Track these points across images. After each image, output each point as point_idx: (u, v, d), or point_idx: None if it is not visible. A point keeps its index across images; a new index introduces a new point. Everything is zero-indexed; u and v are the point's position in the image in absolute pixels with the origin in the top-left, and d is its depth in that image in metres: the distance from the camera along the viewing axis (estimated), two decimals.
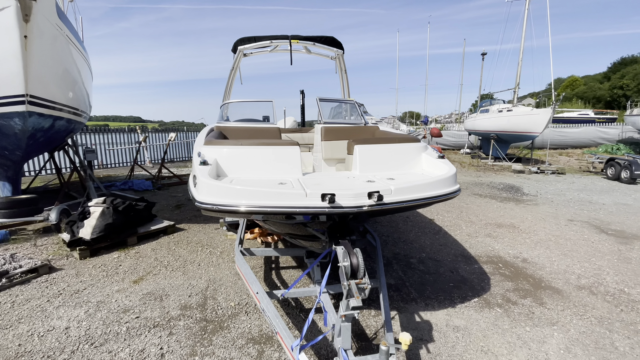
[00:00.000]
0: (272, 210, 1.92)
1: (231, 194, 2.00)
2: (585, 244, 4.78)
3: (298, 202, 1.94)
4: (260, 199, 1.97)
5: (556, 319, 2.97)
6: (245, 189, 2.01)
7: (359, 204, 1.95)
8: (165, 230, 5.21)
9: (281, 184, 2.10)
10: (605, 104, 45.38)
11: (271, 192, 1.99)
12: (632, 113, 16.82)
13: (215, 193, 2.02)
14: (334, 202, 1.89)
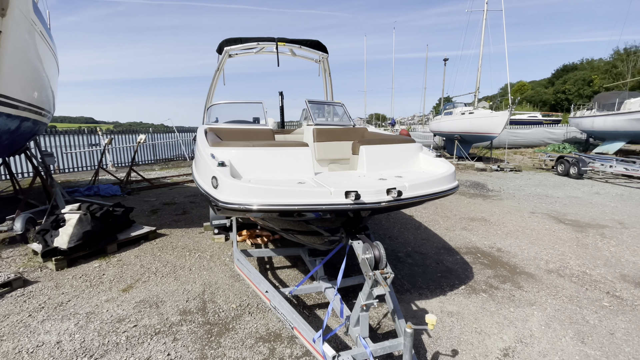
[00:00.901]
0: (302, 209, 1.98)
1: (260, 194, 2.02)
2: (548, 233, 5.30)
3: (325, 200, 2.01)
4: (291, 197, 2.01)
5: (533, 299, 3.30)
6: (276, 189, 2.04)
7: (380, 200, 2.07)
8: (146, 236, 5.00)
9: (301, 184, 2.15)
10: (550, 107, 49.89)
11: (301, 191, 2.04)
12: (576, 115, 18.72)
13: (243, 193, 2.02)
14: (359, 199, 2.00)
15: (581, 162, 10.38)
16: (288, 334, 2.73)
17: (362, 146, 2.90)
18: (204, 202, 7.53)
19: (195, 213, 6.59)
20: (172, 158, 17.06)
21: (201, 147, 2.73)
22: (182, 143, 17.63)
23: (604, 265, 4.08)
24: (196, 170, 2.80)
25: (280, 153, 2.51)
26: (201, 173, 2.52)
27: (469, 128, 15.46)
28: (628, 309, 3.08)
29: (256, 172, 2.29)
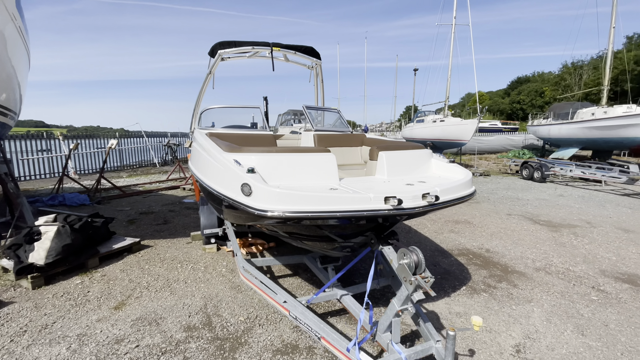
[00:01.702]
0: (347, 215, 1.93)
1: (301, 201, 1.94)
2: (527, 233, 5.64)
3: (366, 206, 1.98)
4: (334, 204, 1.95)
5: (530, 297, 3.47)
6: (319, 195, 1.97)
7: (418, 205, 2.08)
8: (130, 248, 4.66)
9: (333, 190, 2.10)
10: (507, 116, 53.63)
11: (344, 197, 1.99)
12: (533, 124, 20.26)
13: (282, 200, 1.93)
14: (401, 204, 1.99)
15: (544, 166, 11.22)
16: (305, 344, 2.65)
17: (382, 152, 2.91)
18: (192, 210, 7.20)
19: (177, 222, 6.26)
20: (140, 164, 16.17)
21: (215, 152, 2.59)
22: (150, 148, 16.79)
23: (583, 262, 4.40)
24: (208, 177, 2.64)
25: (305, 159, 2.45)
26: (220, 180, 2.39)
27: (440, 135, 16.20)
28: (614, 302, 3.33)
29: (280, 179, 2.21)
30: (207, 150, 2.81)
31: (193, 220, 6.43)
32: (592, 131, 15.17)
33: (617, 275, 3.95)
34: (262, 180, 2.06)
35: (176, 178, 12.09)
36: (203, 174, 2.86)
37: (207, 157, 2.76)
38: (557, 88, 45.74)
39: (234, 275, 3.90)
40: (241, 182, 2.08)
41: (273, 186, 2.00)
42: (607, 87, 15.39)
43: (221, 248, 4.78)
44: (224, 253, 4.62)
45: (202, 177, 2.85)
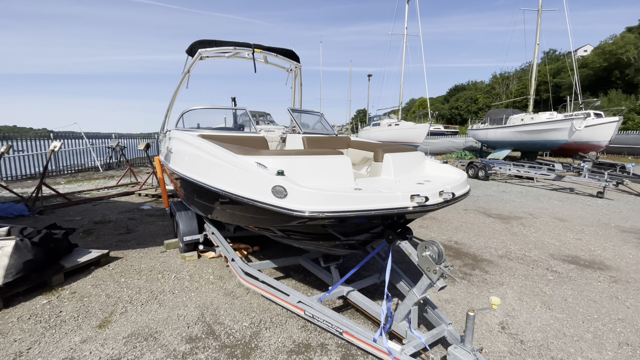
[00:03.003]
0: (378, 213, 2.02)
1: (340, 201, 1.98)
2: (485, 226, 6.30)
3: (395, 204, 2.10)
4: (369, 203, 2.03)
5: (501, 280, 3.92)
6: (355, 195, 2.03)
7: (437, 202, 2.26)
8: (97, 261, 4.24)
9: (358, 190, 2.18)
10: (447, 120, 58.47)
11: (376, 196, 2.08)
12: (472, 128, 22.45)
13: (321, 201, 1.96)
14: (427, 201, 2.15)
15: (487, 166, 12.53)
16: (317, 342, 2.69)
17: (387, 154, 3.07)
18: (156, 217, 6.70)
19: (143, 231, 5.82)
20: (80, 169, 14.54)
21: (227, 155, 2.50)
22: (92, 151, 15.20)
23: (535, 248, 5.06)
24: (217, 180, 2.51)
25: (323, 161, 2.50)
26: (237, 183, 2.32)
27: (395, 138, 17.18)
28: (567, 280, 3.91)
29: (302, 181, 2.23)
30: (212, 153, 2.71)
31: (160, 228, 6.03)
32: (522, 135, 17.33)
33: (563, 258, 4.63)
34: (295, 182, 2.07)
35: (127, 183, 11.14)
36: (206, 177, 2.75)
37: (214, 160, 2.66)
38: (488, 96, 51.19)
39: (224, 281, 3.78)
40: (272, 184, 2.07)
41: (308, 187, 2.03)
42: (533, 96, 17.71)
43: (202, 255, 4.57)
44: (207, 260, 4.43)
45: (205, 181, 2.74)
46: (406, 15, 17.28)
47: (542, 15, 16.11)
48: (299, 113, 4.52)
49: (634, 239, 5.40)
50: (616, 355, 2.56)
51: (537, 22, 16.37)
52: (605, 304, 3.32)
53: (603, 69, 33.27)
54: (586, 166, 10.37)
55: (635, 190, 9.59)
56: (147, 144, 10.50)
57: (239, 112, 4.73)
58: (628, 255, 4.69)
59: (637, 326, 2.93)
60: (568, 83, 32.81)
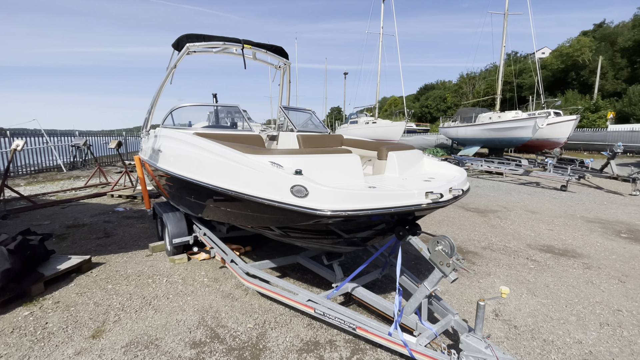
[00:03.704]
0: (397, 210, 2.06)
1: (362, 199, 1.99)
2: (465, 219, 6.60)
3: (412, 201, 2.15)
4: (389, 201, 2.06)
5: (488, 271, 4.14)
6: (377, 193, 2.05)
7: (448, 198, 2.34)
8: (79, 268, 3.98)
9: (372, 188, 2.20)
10: (418, 118, 60.40)
11: (394, 194, 2.11)
12: (444, 126, 23.34)
13: (343, 200, 1.96)
14: (442, 197, 2.22)
15: (460, 162, 13.12)
16: (325, 339, 2.72)
17: (391, 152, 3.12)
18: (134, 219, 6.37)
19: (123, 234, 5.53)
20: (41, 169, 13.49)
21: (234, 154, 2.42)
22: (54, 149, 14.15)
23: (513, 239, 5.38)
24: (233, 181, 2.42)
25: (334, 160, 2.50)
26: (249, 182, 2.25)
27: (372, 135, 17.49)
28: (546, 267, 4.21)
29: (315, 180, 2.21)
30: (217, 152, 2.62)
31: (141, 230, 5.76)
32: (490, 132, 18.27)
33: (540, 247, 4.97)
34: (314, 181, 2.06)
35: (97, 184, 10.50)
36: (208, 177, 2.66)
37: (220, 159, 2.57)
38: (456, 95, 53.44)
39: (219, 283, 3.69)
40: (292, 184, 2.05)
41: (328, 186, 2.03)
42: (500, 95, 18.72)
43: (192, 258, 4.43)
44: (198, 263, 4.30)
45: (209, 181, 2.65)
46: (382, 14, 17.66)
47: (507, 19, 17.13)
48: (290, 110, 4.48)
49: (599, 229, 5.90)
50: (599, 335, 2.80)
51: (504, 25, 17.36)
52: (583, 289, 3.62)
53: (560, 71, 35.82)
54: (550, 161, 11.14)
55: (594, 184, 10.45)
56: (118, 142, 9.95)
57: (226, 109, 4.61)
58: (596, 243, 5.12)
59: (613, 307, 3.22)
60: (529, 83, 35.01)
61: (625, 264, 4.30)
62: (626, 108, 26.26)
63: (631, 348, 2.61)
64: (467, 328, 2.35)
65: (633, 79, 29.89)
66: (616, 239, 5.34)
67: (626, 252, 4.71)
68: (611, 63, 32.22)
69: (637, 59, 30.58)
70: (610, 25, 37.28)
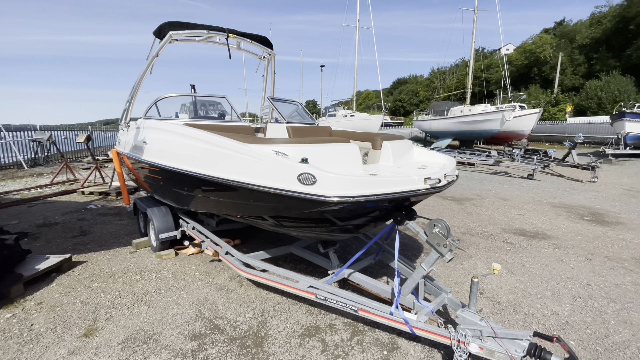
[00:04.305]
0: (401, 195, 2.15)
1: (368, 185, 2.06)
2: (443, 207, 6.91)
3: (412, 187, 2.25)
4: (394, 186, 2.14)
5: (469, 253, 4.39)
6: (382, 179, 2.12)
7: (444, 183, 2.45)
8: (59, 267, 3.79)
9: (373, 175, 2.26)
10: (392, 112, 61.55)
11: (399, 180, 2.19)
12: (417, 119, 24.00)
13: (353, 186, 2.02)
14: (439, 183, 2.33)
15: None
16: (325, 323, 2.79)
17: (385, 142, 3.21)
18: (111, 216, 6.10)
19: (100, 232, 5.30)
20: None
21: (234, 145, 2.39)
22: (12, 145, 13.13)
23: (489, 224, 5.72)
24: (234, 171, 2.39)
25: (334, 149, 2.54)
26: (254, 172, 2.24)
27: (351, 128, 17.59)
28: (520, 249, 4.53)
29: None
30: (215, 143, 2.57)
31: (120, 227, 5.55)
32: (462, 125, 19.04)
33: (513, 231, 5.32)
34: (322, 169, 2.10)
35: (64, 181, 9.91)
36: (205, 168, 2.62)
37: (218, 150, 2.53)
38: (428, 89, 54.94)
39: (212, 277, 3.66)
40: (299, 172, 2.07)
41: (336, 173, 2.09)
42: (470, 90, 19.51)
43: (179, 253, 4.34)
44: (186, 257, 4.23)
45: (206, 172, 2.61)
46: (358, 7, 17.75)
47: (477, 15, 17.82)
48: (277, 102, 4.45)
49: (564, 213, 6.39)
50: (573, 306, 3.08)
51: (474, 21, 18.05)
52: (555, 267, 3.94)
53: (524, 66, 37.80)
54: (517, 152, 11.82)
55: (557, 172, 11.24)
56: (87, 136, 9.41)
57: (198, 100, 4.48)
58: (562, 226, 5.56)
59: (582, 282, 3.55)
60: (496, 78, 36.65)
61: (590, 243, 4.72)
62: (583, 102, 28.27)
63: (602, 317, 2.90)
64: (459, 304, 2.51)
65: (590, 74, 32.15)
66: (580, 221, 5.82)
67: (590, 233, 5.16)
68: (570, 59, 34.43)
69: (593, 55, 32.90)
70: (570, 23, 39.68)
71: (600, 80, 27.99)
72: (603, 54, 32.15)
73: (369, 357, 2.40)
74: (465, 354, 2.09)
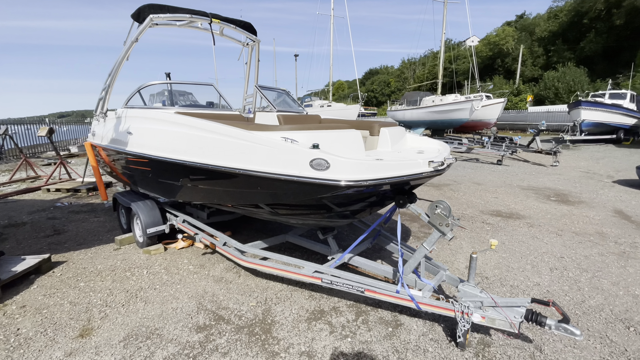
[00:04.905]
0: (410, 177, 2.21)
1: (379, 169, 2.10)
2: (424, 193, 7.18)
3: (419, 170, 2.32)
4: (403, 169, 2.19)
5: (454, 234, 4.62)
6: (394, 163, 2.17)
7: (445, 167, 2.55)
8: (38, 268, 3.56)
9: (379, 160, 2.30)
10: (365, 102, 62.16)
11: (405, 163, 2.25)
12: (391, 109, 24.46)
13: (367, 169, 2.05)
14: (443, 166, 2.42)
15: None
16: (329, 306, 2.86)
17: (383, 128, 3.26)
18: (85, 214, 5.75)
19: (76, 230, 5.01)
20: None
21: (239, 133, 2.33)
22: None
23: (468, 207, 6.03)
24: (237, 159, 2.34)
25: (338, 135, 2.55)
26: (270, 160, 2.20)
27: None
28: (499, 228, 4.84)
29: None
30: (214, 130, 2.49)
31: (98, 224, 5.27)
32: (433, 114, 19.68)
33: (490, 213, 5.66)
34: (334, 154, 2.11)
35: (24, 178, 9.18)
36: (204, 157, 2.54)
37: (218, 138, 2.46)
38: (399, 80, 56.00)
39: (207, 269, 3.60)
40: (311, 158, 2.07)
41: (348, 158, 2.12)
42: (441, 80, 20.14)
43: (168, 247, 4.21)
44: (176, 252, 4.11)
45: (206, 160, 2.54)
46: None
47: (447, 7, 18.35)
48: (265, 90, 4.37)
49: (533, 194, 6.88)
50: (551, 276, 3.37)
51: (444, 12, 18.58)
52: (531, 243, 4.26)
53: (489, 58, 39.51)
54: (486, 139, 12.44)
55: (522, 158, 12.00)
56: (50, 129, 8.74)
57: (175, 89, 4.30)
58: (533, 206, 5.99)
59: (556, 256, 3.87)
60: (463, 69, 38.05)
61: (559, 221, 5.14)
62: (542, 92, 30.15)
63: (577, 285, 3.20)
64: (457, 280, 2.67)
65: (548, 65, 34.28)
66: (548, 202, 6.30)
67: (557, 212, 5.61)
68: (530, 51, 36.46)
69: (551, 47, 35.03)
70: (529, 16, 41.83)
71: (557, 72, 29.92)
72: (559, 46, 34.33)
73: (376, 335, 2.50)
74: (468, 323, 2.24)
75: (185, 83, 3.96)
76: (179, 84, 3.90)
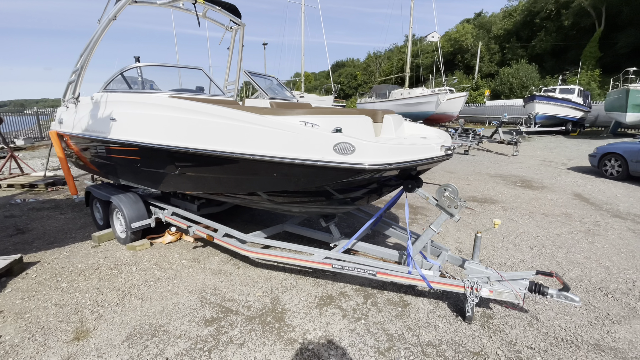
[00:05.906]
0: (428, 161, 2.26)
1: (402, 152, 2.12)
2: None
3: (434, 153, 2.37)
4: (423, 153, 2.23)
5: None
6: (416, 146, 2.20)
7: (450, 152, 2.63)
8: (9, 270, 3.21)
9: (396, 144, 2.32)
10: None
11: (424, 146, 2.29)
12: (361, 102, 24.81)
13: (392, 153, 2.05)
14: (452, 150, 2.49)
15: None
16: (336, 292, 2.89)
17: (387, 115, 3.28)
18: (48, 210, 5.24)
19: (43, 228, 4.58)
20: None
21: (253, 117, 2.22)
22: None
23: None
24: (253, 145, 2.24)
25: (351, 120, 2.54)
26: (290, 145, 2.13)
27: None
28: (478, 213, 5.15)
29: None
30: (224, 115, 2.36)
31: (66, 221, 4.85)
32: (402, 107, 20.26)
33: (467, 198, 5.99)
34: (359, 138, 2.10)
35: None
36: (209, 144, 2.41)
37: (228, 122, 2.33)
38: (365, 73, 56.72)
39: (202, 263, 3.46)
40: (335, 142, 2.04)
41: (373, 142, 2.13)
42: (409, 73, 20.74)
43: (154, 242, 3.98)
44: (164, 246, 3.90)
45: (214, 147, 2.40)
46: None
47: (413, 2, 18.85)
48: (255, 76, 4.23)
49: (501, 181, 7.39)
50: (532, 253, 3.67)
51: (411, 7, 19.09)
52: (509, 225, 4.60)
53: (450, 53, 41.25)
54: (453, 131, 13.10)
55: (486, 148, 12.81)
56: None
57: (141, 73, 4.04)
58: (504, 191, 6.44)
59: (533, 235, 4.21)
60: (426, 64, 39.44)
61: (528, 204, 5.58)
62: (498, 87, 32.19)
63: (556, 260, 3.52)
64: (459, 259, 2.82)
65: (503, 62, 36.55)
66: (515, 187, 6.80)
67: (525, 196, 6.08)
68: (487, 48, 38.60)
69: (506, 45, 37.32)
70: (487, 15, 44.14)
71: (511, 68, 32.03)
72: (514, 44, 36.70)
73: (387, 315, 2.58)
74: (477, 298, 2.39)
75: (173, 66, 3.71)
76: (165, 66, 3.65)
